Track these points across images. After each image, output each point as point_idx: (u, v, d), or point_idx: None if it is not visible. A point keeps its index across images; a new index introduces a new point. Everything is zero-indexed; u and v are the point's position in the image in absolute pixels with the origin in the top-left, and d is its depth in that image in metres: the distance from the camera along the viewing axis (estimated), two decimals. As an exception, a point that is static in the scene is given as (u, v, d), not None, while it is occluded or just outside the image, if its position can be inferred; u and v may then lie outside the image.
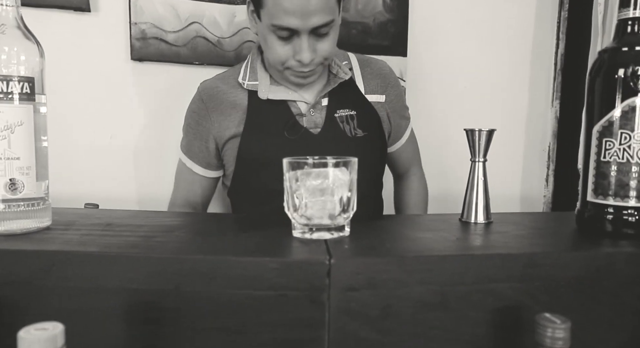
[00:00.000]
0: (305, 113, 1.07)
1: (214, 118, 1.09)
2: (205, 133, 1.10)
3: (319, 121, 1.07)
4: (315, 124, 1.07)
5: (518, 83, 1.65)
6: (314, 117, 1.07)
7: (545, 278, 0.56)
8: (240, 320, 0.54)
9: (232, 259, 0.53)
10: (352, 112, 1.09)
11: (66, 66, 1.30)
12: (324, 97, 1.09)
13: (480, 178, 0.75)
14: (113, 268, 0.53)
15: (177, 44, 1.33)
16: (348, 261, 0.53)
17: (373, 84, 1.14)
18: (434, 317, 0.55)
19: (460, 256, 0.55)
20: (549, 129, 1.66)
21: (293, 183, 0.61)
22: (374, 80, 1.15)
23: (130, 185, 1.37)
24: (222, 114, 1.09)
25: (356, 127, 1.08)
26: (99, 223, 0.69)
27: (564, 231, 0.68)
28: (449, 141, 1.56)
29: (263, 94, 1.06)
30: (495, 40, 1.60)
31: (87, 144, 1.33)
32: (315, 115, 1.08)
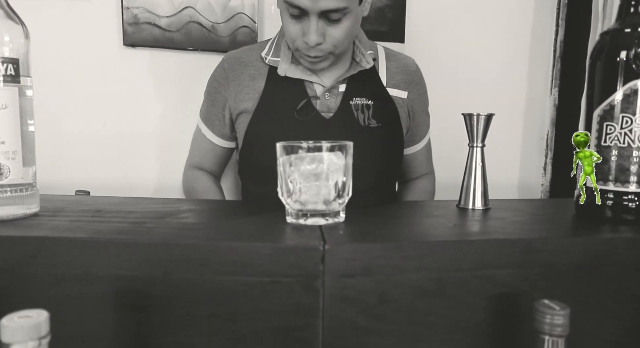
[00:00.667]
0: (320, 96, 1.06)
1: (232, 88, 1.09)
2: (222, 101, 1.11)
3: (333, 105, 1.06)
4: (329, 108, 1.06)
5: (516, 70, 1.64)
6: (328, 101, 1.06)
7: (544, 264, 0.55)
8: (232, 308, 0.52)
9: (224, 245, 0.52)
10: (368, 102, 1.07)
11: (57, 52, 1.27)
12: (342, 83, 1.07)
13: (478, 164, 0.74)
14: (101, 255, 0.52)
15: (171, 29, 1.30)
16: (343, 247, 0.52)
17: (396, 79, 1.13)
18: (431, 303, 0.54)
19: (458, 241, 0.54)
20: (547, 117, 1.65)
21: (287, 168, 0.60)
22: (398, 75, 1.13)
23: (123, 173, 1.35)
24: (240, 85, 1.09)
25: (370, 117, 1.06)
26: (88, 210, 0.67)
27: (563, 217, 0.67)
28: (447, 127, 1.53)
29: (282, 70, 1.05)
30: (494, 26, 1.58)
31: (79, 131, 1.31)
32: (330, 99, 1.06)
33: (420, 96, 1.17)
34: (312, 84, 1.07)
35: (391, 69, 1.13)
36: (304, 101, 1.04)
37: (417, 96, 1.15)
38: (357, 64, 1.08)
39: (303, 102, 1.04)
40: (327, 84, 1.07)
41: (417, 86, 1.16)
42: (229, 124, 1.13)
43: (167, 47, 1.32)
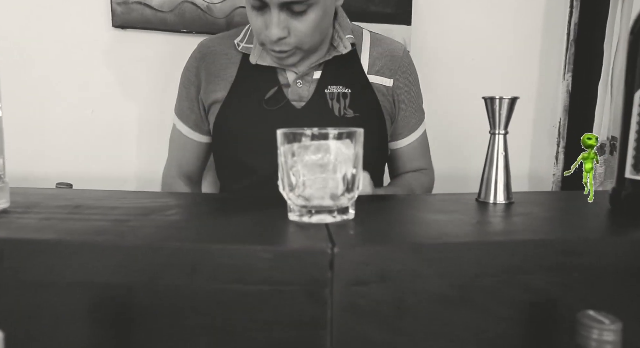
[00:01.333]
0: (291, 84, 0.99)
1: (203, 77, 1.03)
2: (195, 91, 1.04)
3: (305, 94, 0.98)
4: (300, 97, 0.98)
5: (528, 54, 1.56)
6: (300, 89, 0.99)
7: (585, 268, 0.48)
8: (226, 320, 0.45)
9: (218, 247, 0.45)
10: (345, 90, 0.99)
11: (40, 34, 1.19)
12: (317, 70, 1.00)
13: (500, 153, 0.67)
14: (74, 259, 0.45)
15: (163, 10, 1.22)
16: (354, 250, 0.45)
17: (379, 65, 1.04)
18: (454, 313, 0.47)
19: (485, 243, 0.47)
20: (559, 104, 1.57)
21: (289, 158, 0.53)
22: (382, 60, 1.04)
23: (113, 164, 1.28)
24: (211, 75, 1.02)
25: (347, 107, 0.98)
26: (66, 205, 0.60)
27: (598, 212, 0.60)
28: (456, 115, 1.47)
29: (253, 58, 0.98)
30: (504, 8, 1.50)
31: (64, 119, 1.24)
32: (303, 87, 0.99)
33: (409, 85, 1.07)
34: (285, 72, 1.00)
35: (374, 54, 1.04)
36: (274, 89, 0.97)
37: (404, 84, 1.06)
38: (333, 49, 1.00)
39: (272, 91, 0.97)
40: (300, 70, 0.99)
41: (404, 74, 1.06)
42: (203, 115, 1.06)
43: (159, 28, 1.24)
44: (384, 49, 1.05)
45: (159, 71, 1.28)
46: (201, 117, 1.06)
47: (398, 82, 1.05)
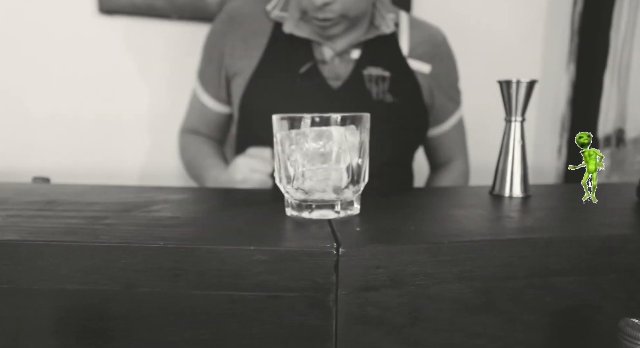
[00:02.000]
0: (328, 61, 0.91)
1: (230, 42, 0.95)
2: (218, 57, 0.96)
3: (343, 73, 0.91)
4: (337, 76, 0.91)
5: (530, 44, 1.51)
6: (337, 67, 0.91)
7: (622, 269, 0.42)
8: (216, 331, 0.40)
9: (205, 248, 0.39)
10: (385, 73, 0.92)
11: (21, 20, 1.12)
12: (356, 48, 0.92)
13: (517, 142, 0.61)
14: (38, 263, 0.39)
15: (151, -6, 1.15)
16: (362, 250, 0.39)
17: (420, 50, 0.97)
18: (477, 322, 0.41)
19: (511, 241, 0.41)
20: (562, 95, 1.52)
21: (286, 147, 0.47)
22: (422, 46, 0.98)
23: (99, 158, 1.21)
24: (239, 40, 0.94)
25: (386, 91, 0.91)
26: (39, 201, 0.54)
27: (625, 205, 0.55)
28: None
29: (288, 27, 0.90)
30: (507, -4, 1.45)
31: (48, 110, 1.17)
32: (340, 66, 0.91)
33: (447, 72, 1.02)
34: (321, 47, 0.92)
35: (415, 38, 0.98)
36: (309, 64, 0.90)
37: (442, 70, 1.00)
38: (375, 29, 0.93)
39: (307, 66, 0.89)
40: (338, 47, 0.92)
41: (443, 60, 1.00)
42: (225, 85, 0.98)
43: (148, 14, 1.16)
44: (424, 33, 0.99)
45: (148, 60, 1.21)
46: (222, 86, 0.98)
47: (436, 69, 0.99)
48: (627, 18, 1.37)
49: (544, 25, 1.52)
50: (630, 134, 1.34)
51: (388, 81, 0.92)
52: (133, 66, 1.21)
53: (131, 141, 1.23)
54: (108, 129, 1.21)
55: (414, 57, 0.96)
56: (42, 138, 1.17)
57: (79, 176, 1.17)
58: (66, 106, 1.18)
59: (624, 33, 1.37)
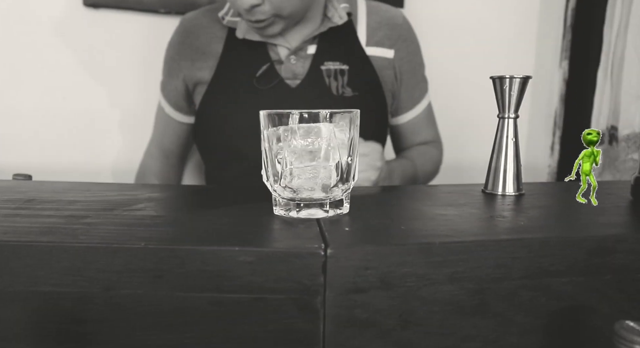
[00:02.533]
0: (284, 60, 0.90)
1: (187, 54, 0.95)
2: (177, 69, 0.96)
3: (300, 71, 0.90)
4: (294, 74, 0.90)
5: (523, 40, 1.50)
6: (294, 66, 0.90)
7: (619, 270, 0.41)
8: (200, 334, 0.38)
9: (188, 249, 0.37)
10: (343, 67, 0.91)
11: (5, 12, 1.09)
12: (311, 44, 0.91)
13: (510, 139, 0.60)
14: (13, 264, 0.37)
15: (138, -12, 1.13)
16: (351, 251, 0.37)
17: (379, 35, 0.95)
18: (470, 324, 0.40)
19: (504, 241, 0.40)
20: (555, 92, 1.52)
21: (273, 144, 0.45)
22: (381, 30, 0.96)
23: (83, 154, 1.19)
24: (195, 51, 0.94)
25: (345, 85, 0.90)
26: (17, 199, 0.52)
27: (619, 204, 0.54)
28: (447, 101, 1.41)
29: (240, 32, 0.89)
30: (500, -9, 1.44)
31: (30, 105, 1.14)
32: (297, 64, 0.90)
33: (411, 55, 1.00)
34: (276, 47, 0.91)
35: (372, 24, 0.96)
36: (265, 66, 0.89)
37: (406, 54, 0.98)
38: (328, 20, 0.91)
39: (264, 67, 0.89)
40: (292, 45, 0.91)
41: (405, 42, 0.98)
42: (184, 95, 0.98)
43: (135, 8, 1.14)
44: (382, 18, 0.97)
45: (135, 55, 1.19)
46: (184, 97, 0.98)
47: (399, 53, 0.97)
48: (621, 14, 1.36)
49: (537, 21, 1.51)
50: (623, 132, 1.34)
51: (347, 74, 0.90)
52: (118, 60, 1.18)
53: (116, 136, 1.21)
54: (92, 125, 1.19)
55: (374, 43, 0.95)
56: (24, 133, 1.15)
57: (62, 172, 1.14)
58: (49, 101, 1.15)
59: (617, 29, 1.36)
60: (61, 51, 1.14)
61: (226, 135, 0.91)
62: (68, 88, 1.16)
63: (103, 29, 1.15)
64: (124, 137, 1.21)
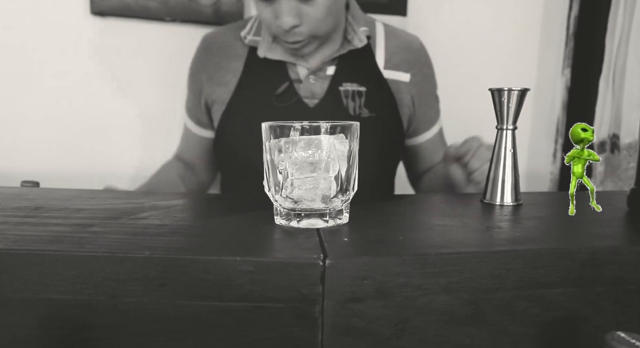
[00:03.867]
0: (303, 79, 0.92)
1: (207, 71, 0.96)
2: (198, 84, 0.98)
3: (319, 91, 0.92)
4: (313, 94, 0.92)
5: (526, 49, 1.51)
6: (312, 85, 0.92)
7: (611, 282, 0.42)
8: (202, 341, 0.39)
9: (190, 258, 0.39)
10: (361, 88, 0.92)
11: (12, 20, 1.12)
12: (330, 65, 0.93)
13: (509, 150, 0.61)
14: (20, 272, 0.38)
15: (145, -4, 1.15)
16: (349, 262, 0.38)
17: (397, 59, 0.97)
18: (465, 333, 0.41)
19: (499, 252, 0.41)
20: (558, 100, 1.52)
21: (275, 155, 0.46)
22: (399, 54, 0.98)
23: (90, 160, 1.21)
24: (215, 67, 0.96)
25: (362, 106, 0.92)
26: (25, 207, 0.54)
27: (615, 215, 0.54)
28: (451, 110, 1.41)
29: (262, 51, 0.91)
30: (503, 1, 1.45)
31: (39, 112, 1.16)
32: (316, 84, 0.92)
33: (427, 78, 1.02)
34: (296, 67, 0.93)
35: (390, 48, 0.98)
36: (285, 84, 0.91)
37: (422, 77, 1.00)
38: (348, 43, 0.93)
39: (284, 86, 0.91)
40: (312, 65, 0.92)
41: (422, 67, 1.00)
42: (206, 112, 1.00)
43: (141, 16, 1.16)
44: (399, 42, 0.99)
45: (141, 62, 1.20)
46: (202, 112, 1.00)
47: (416, 76, 0.99)
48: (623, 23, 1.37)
49: (540, 29, 1.52)
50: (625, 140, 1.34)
51: (364, 96, 0.92)
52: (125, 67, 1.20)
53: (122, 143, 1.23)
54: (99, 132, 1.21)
55: (391, 67, 0.97)
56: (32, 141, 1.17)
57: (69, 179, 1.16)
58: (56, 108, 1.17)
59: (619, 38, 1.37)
60: (68, 58, 1.16)
61: (244, 150, 0.92)
62: (75, 95, 1.18)
63: (110, 36, 1.17)
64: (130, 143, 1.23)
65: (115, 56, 1.19)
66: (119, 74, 1.20)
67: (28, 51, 1.14)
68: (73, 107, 1.18)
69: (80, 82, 1.18)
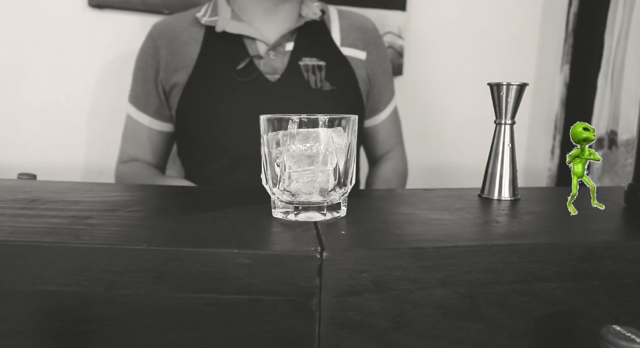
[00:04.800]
0: (263, 55, 0.93)
1: (163, 56, 0.96)
2: (153, 73, 0.97)
3: (279, 66, 0.93)
4: (274, 69, 0.93)
5: (525, 45, 1.51)
6: (273, 61, 0.93)
7: (607, 276, 0.42)
8: (198, 335, 0.39)
9: (187, 251, 0.38)
10: (320, 62, 0.94)
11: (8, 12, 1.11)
12: (289, 41, 0.95)
13: (507, 145, 0.61)
14: (17, 264, 0.38)
15: (143, -11, 1.14)
16: (346, 254, 0.38)
17: (352, 37, 1.00)
18: (461, 327, 0.41)
19: (495, 246, 0.41)
20: (556, 96, 1.52)
21: (273, 148, 0.46)
22: (354, 33, 1.01)
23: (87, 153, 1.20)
24: (171, 53, 0.95)
25: (323, 79, 0.93)
26: (22, 199, 0.53)
27: (612, 211, 0.55)
28: (449, 106, 1.42)
29: (220, 26, 0.92)
30: (502, -4, 1.44)
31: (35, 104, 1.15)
32: (276, 59, 0.93)
33: (382, 58, 1.05)
34: (255, 42, 0.94)
35: (345, 27, 1.01)
36: (246, 60, 0.92)
37: (377, 57, 1.03)
38: (302, 18, 0.96)
39: (245, 61, 0.91)
40: (271, 39, 0.94)
41: (376, 46, 1.04)
42: (164, 99, 0.98)
43: (139, 9, 1.16)
44: (353, 21, 1.02)
45: (138, 55, 1.20)
46: (161, 103, 0.98)
47: (372, 55, 1.02)
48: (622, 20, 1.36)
49: (539, 26, 1.52)
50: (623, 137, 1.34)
51: (324, 70, 0.94)
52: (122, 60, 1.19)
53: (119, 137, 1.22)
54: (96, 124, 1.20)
55: (347, 45, 0.99)
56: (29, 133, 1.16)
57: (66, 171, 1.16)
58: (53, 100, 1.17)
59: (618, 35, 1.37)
60: (66, 50, 1.15)
61: (209, 130, 0.92)
62: (72, 88, 1.17)
63: (107, 29, 1.17)
64: (126, 136, 1.22)
65: (113, 49, 1.18)
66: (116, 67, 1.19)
67: (25, 43, 1.13)
68: (70, 100, 1.17)
69: (77, 75, 1.17)
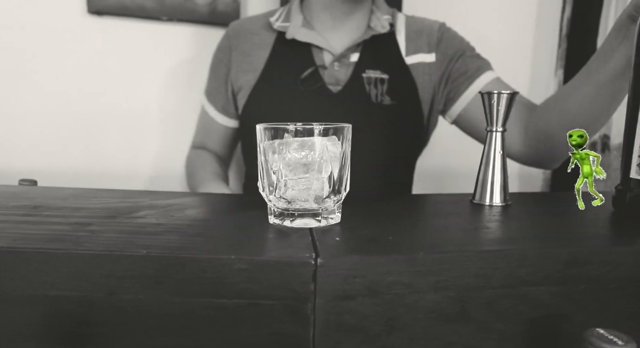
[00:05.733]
0: (328, 66, 0.94)
1: (234, 57, 0.99)
2: (225, 72, 1.01)
3: (342, 77, 0.94)
4: (337, 80, 0.94)
5: (519, 49, 1.53)
6: (337, 72, 0.94)
7: (593, 280, 0.43)
8: (196, 338, 0.40)
9: (187, 257, 0.40)
10: (383, 76, 0.95)
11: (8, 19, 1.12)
12: (354, 52, 0.95)
13: (497, 152, 0.62)
14: (21, 269, 0.39)
15: (141, -4, 1.16)
16: (340, 261, 0.40)
17: (419, 43, 0.99)
18: (452, 331, 0.42)
19: (486, 252, 0.42)
20: (551, 100, 1.54)
21: (269, 156, 0.48)
22: (421, 38, 0.99)
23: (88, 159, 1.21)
24: (242, 54, 0.98)
25: (384, 93, 0.94)
26: (24, 205, 0.55)
27: (600, 215, 0.56)
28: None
29: (290, 33, 0.94)
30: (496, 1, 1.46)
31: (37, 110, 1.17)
32: (340, 70, 0.94)
33: (458, 50, 0.98)
34: (322, 52, 0.95)
35: (411, 34, 1.00)
36: (310, 69, 0.93)
37: (452, 51, 0.98)
38: (371, 30, 0.96)
39: (309, 71, 0.93)
40: (337, 50, 0.95)
41: (446, 41, 0.99)
42: (232, 100, 1.02)
43: (137, 15, 1.17)
44: (420, 27, 1.01)
45: (138, 61, 1.21)
46: (229, 100, 1.02)
47: (444, 51, 0.99)
48: (614, 25, 1.38)
49: (533, 30, 1.53)
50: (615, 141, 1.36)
51: (386, 83, 0.94)
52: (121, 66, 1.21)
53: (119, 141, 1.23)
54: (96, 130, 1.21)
55: (413, 52, 0.98)
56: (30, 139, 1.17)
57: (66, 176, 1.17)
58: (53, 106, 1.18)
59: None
60: (66, 56, 1.17)
61: None
62: (72, 93, 1.18)
63: (106, 35, 1.18)
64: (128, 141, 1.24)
65: (112, 55, 1.19)
66: (115, 72, 1.20)
67: (25, 49, 1.14)
68: (70, 105, 1.18)
69: (77, 80, 1.18)
